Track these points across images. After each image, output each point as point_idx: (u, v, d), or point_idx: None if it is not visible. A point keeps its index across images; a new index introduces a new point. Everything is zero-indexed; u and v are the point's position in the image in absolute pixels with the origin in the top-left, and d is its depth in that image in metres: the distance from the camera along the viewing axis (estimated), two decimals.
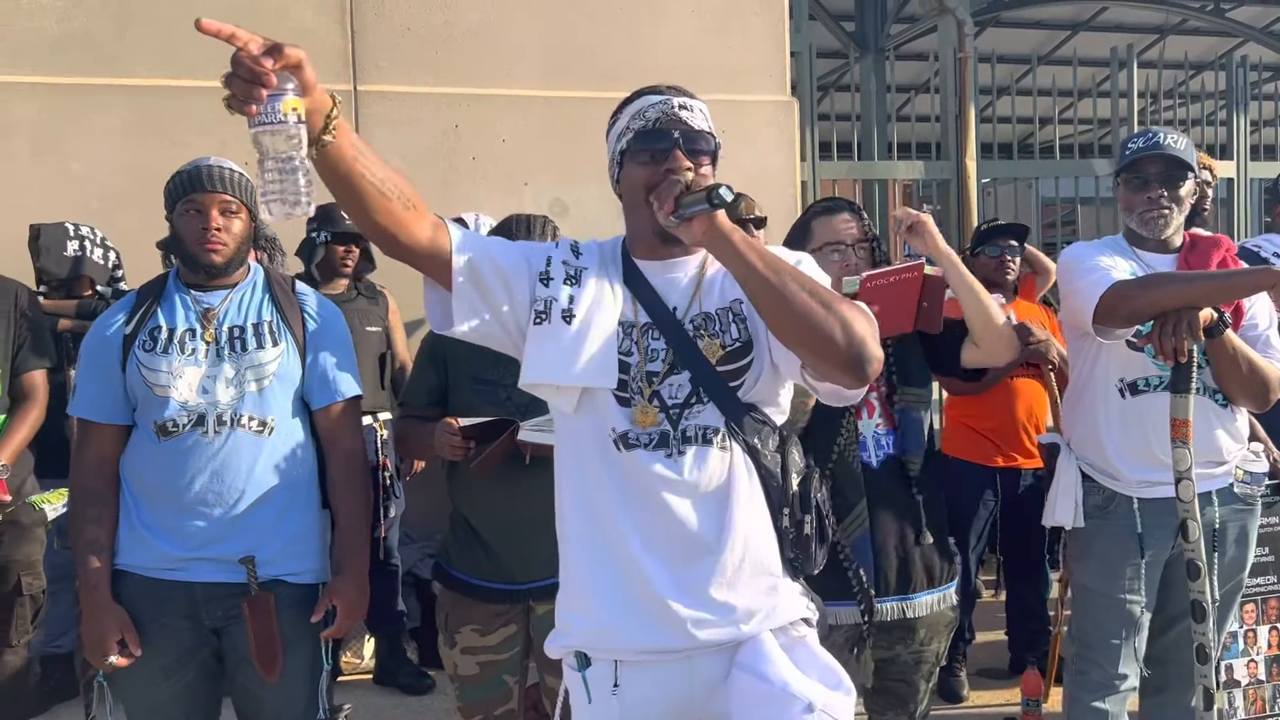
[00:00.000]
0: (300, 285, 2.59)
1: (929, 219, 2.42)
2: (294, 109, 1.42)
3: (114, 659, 2.32)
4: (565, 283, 1.79)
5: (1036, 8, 9.64)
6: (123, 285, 4.18)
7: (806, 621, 1.85)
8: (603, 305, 1.79)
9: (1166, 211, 2.75)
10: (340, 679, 4.33)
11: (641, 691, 1.80)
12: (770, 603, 1.79)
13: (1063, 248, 6.80)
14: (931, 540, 2.48)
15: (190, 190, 2.39)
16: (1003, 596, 4.54)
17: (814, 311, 1.63)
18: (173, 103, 4.66)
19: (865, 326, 1.66)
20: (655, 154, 1.76)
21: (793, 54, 5.88)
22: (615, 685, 1.80)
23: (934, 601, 2.47)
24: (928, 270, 2.30)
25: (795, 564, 1.82)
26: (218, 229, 2.39)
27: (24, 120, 4.57)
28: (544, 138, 5.09)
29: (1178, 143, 2.75)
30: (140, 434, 2.41)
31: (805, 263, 1.81)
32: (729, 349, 1.78)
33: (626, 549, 1.77)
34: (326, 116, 1.51)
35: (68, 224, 4.07)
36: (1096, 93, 7.16)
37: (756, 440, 1.78)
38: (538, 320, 1.77)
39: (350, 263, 4.31)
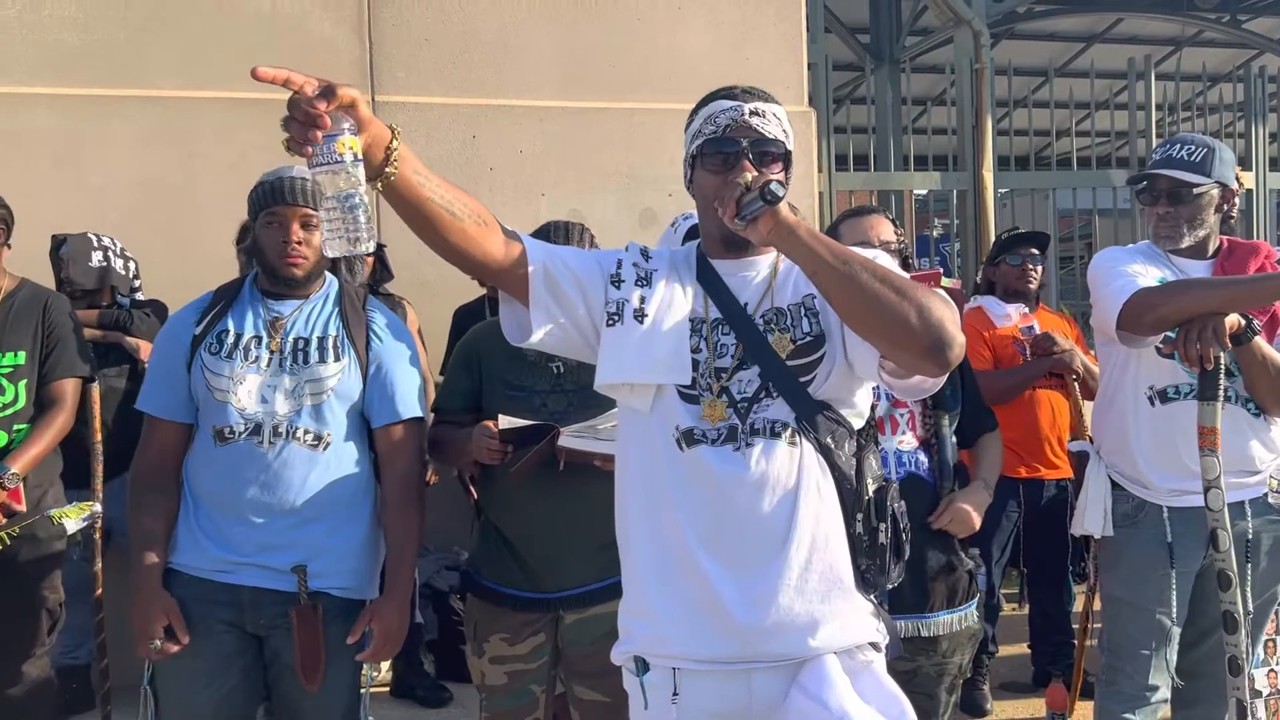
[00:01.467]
0: (372, 300, 2.58)
1: None
2: (350, 148, 1.44)
3: (159, 643, 2.32)
4: (636, 284, 1.80)
5: (1052, 19, 9.64)
6: (139, 295, 4.18)
7: (874, 646, 1.79)
8: (673, 304, 1.79)
9: (1173, 228, 2.74)
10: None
11: (699, 703, 1.76)
12: (838, 616, 1.73)
13: (1080, 259, 6.76)
14: (951, 562, 2.47)
15: (271, 202, 2.39)
16: (1026, 609, 4.49)
17: (886, 297, 1.59)
18: (191, 114, 4.68)
19: (943, 310, 1.62)
20: (724, 161, 1.76)
21: (808, 65, 5.88)
22: (675, 694, 1.76)
23: (953, 621, 2.47)
24: (945, 282, 2.29)
25: (867, 576, 1.77)
26: (298, 243, 2.40)
27: (45, 131, 4.58)
28: (561, 148, 5.09)
29: (1193, 154, 2.71)
30: (201, 437, 2.43)
31: (880, 258, 1.77)
32: (799, 343, 1.76)
33: (688, 553, 1.73)
34: (387, 148, 1.52)
35: (90, 234, 4.08)
36: (1113, 105, 7.15)
37: (830, 440, 1.74)
38: (611, 322, 1.78)
39: (365, 272, 4.30)
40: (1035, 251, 4.23)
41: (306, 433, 2.39)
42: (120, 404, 3.83)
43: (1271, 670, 3.27)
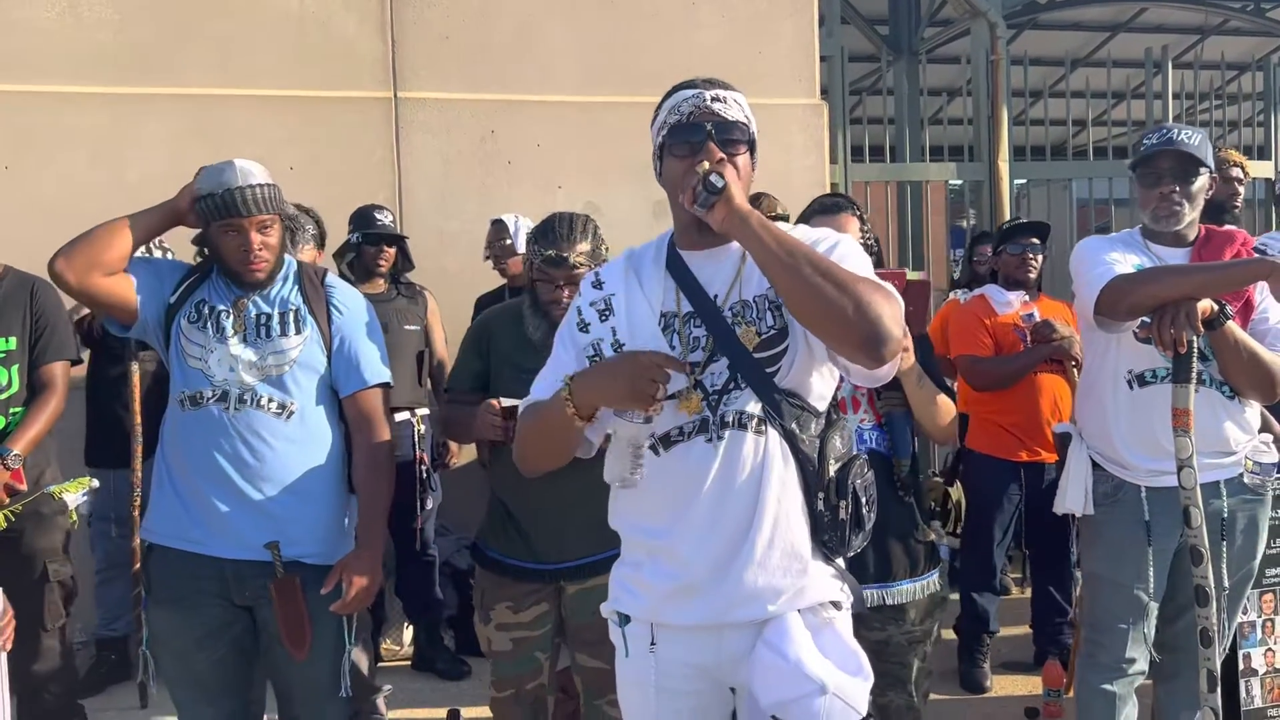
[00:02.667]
0: (330, 278, 2.71)
1: None
2: None
3: None
4: (602, 320, 1.92)
5: (1075, 9, 9.61)
6: None
7: (836, 605, 1.91)
8: (641, 317, 1.90)
9: (1178, 207, 2.82)
10: (380, 664, 4.48)
11: (674, 653, 1.92)
12: (798, 585, 1.86)
13: None
14: (913, 534, 2.59)
15: (226, 214, 2.50)
16: (1029, 592, 4.59)
17: (825, 290, 1.68)
18: (222, 111, 4.87)
19: (883, 307, 1.69)
20: (690, 148, 1.84)
21: (824, 58, 5.98)
22: (653, 644, 1.92)
23: (916, 589, 2.58)
24: (911, 276, 2.39)
25: (829, 547, 1.88)
26: (260, 249, 2.52)
27: (84, 129, 4.79)
28: (577, 142, 5.24)
29: (1191, 139, 2.80)
30: (172, 406, 2.56)
31: (844, 243, 1.87)
32: (765, 336, 1.84)
33: (665, 539, 1.88)
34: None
35: None
36: (1130, 95, 7.16)
37: (795, 425, 1.84)
38: (593, 365, 1.90)
39: (383, 263, 4.46)
40: (1035, 241, 4.33)
41: (271, 401, 2.50)
42: (153, 386, 3.99)
43: (1269, 649, 3.36)
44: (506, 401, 2.61)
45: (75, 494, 3.34)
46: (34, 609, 3.31)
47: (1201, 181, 2.82)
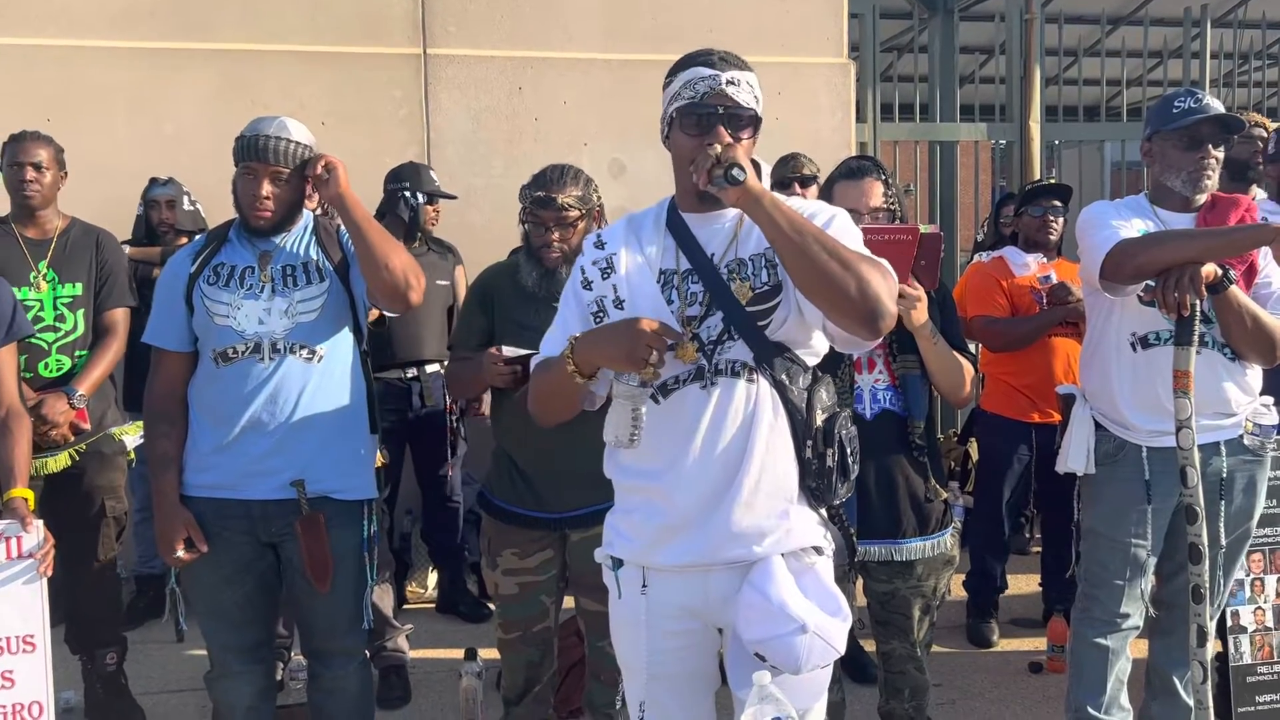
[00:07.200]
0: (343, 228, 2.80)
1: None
2: None
3: (181, 553, 2.62)
4: (604, 278, 2.03)
5: None
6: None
7: (818, 550, 2.02)
8: (641, 276, 2.00)
9: (1213, 173, 2.85)
10: (405, 606, 4.65)
11: (664, 594, 2.03)
12: (783, 527, 1.96)
13: None
14: (925, 493, 2.64)
15: (247, 158, 2.63)
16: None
17: (831, 269, 1.81)
18: (256, 66, 4.97)
19: (880, 285, 1.83)
20: (700, 128, 1.93)
21: (855, 15, 5.96)
22: (644, 586, 2.04)
23: (926, 548, 2.63)
24: (924, 229, 2.43)
25: (816, 493, 1.99)
26: (266, 197, 2.63)
27: (122, 84, 4.91)
28: (603, 99, 5.28)
29: (1219, 106, 2.83)
30: (203, 362, 2.69)
31: (839, 218, 1.98)
32: (758, 291, 1.95)
33: (659, 482, 1.98)
34: None
35: (175, 181, 4.45)
36: (1171, 55, 7.07)
37: (785, 377, 1.95)
38: (597, 320, 2.01)
39: (436, 221, 4.60)
40: (1057, 203, 4.33)
41: (302, 348, 2.64)
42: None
43: (1259, 608, 3.41)
44: (509, 350, 2.70)
45: (134, 436, 3.51)
46: (89, 541, 3.50)
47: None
